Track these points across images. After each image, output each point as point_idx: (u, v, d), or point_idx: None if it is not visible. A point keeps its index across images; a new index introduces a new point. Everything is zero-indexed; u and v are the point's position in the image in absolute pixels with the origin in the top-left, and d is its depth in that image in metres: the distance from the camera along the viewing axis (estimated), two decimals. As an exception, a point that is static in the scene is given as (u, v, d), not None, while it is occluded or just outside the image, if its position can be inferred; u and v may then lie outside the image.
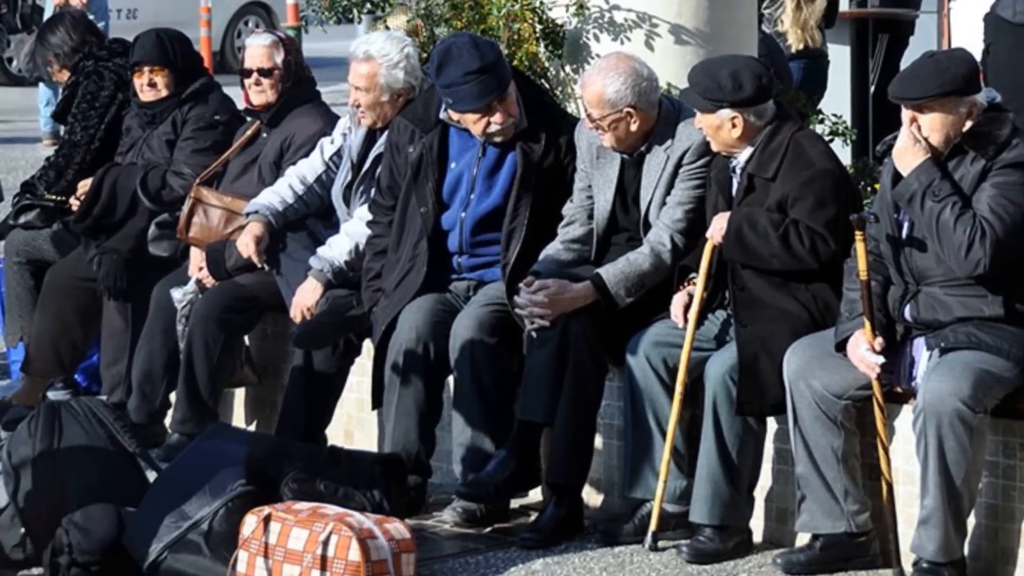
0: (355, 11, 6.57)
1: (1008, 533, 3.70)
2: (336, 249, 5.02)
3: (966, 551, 3.66)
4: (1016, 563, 3.67)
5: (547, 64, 5.40)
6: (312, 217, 5.35)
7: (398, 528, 3.79)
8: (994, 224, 3.53)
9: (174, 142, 5.85)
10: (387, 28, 6.05)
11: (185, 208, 5.52)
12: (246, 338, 5.48)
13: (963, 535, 3.64)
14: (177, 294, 5.46)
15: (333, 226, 5.25)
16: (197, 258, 5.52)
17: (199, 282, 5.43)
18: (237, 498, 3.99)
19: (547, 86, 5.34)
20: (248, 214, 5.24)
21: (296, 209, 5.25)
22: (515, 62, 5.10)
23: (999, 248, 3.52)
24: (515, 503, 4.60)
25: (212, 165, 5.69)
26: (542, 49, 5.36)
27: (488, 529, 4.46)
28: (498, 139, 4.54)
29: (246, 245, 5.13)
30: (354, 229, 5.02)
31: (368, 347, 4.90)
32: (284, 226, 5.26)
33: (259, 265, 5.24)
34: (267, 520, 3.76)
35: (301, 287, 4.99)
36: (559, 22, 5.32)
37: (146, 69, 5.81)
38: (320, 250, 5.06)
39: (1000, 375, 3.57)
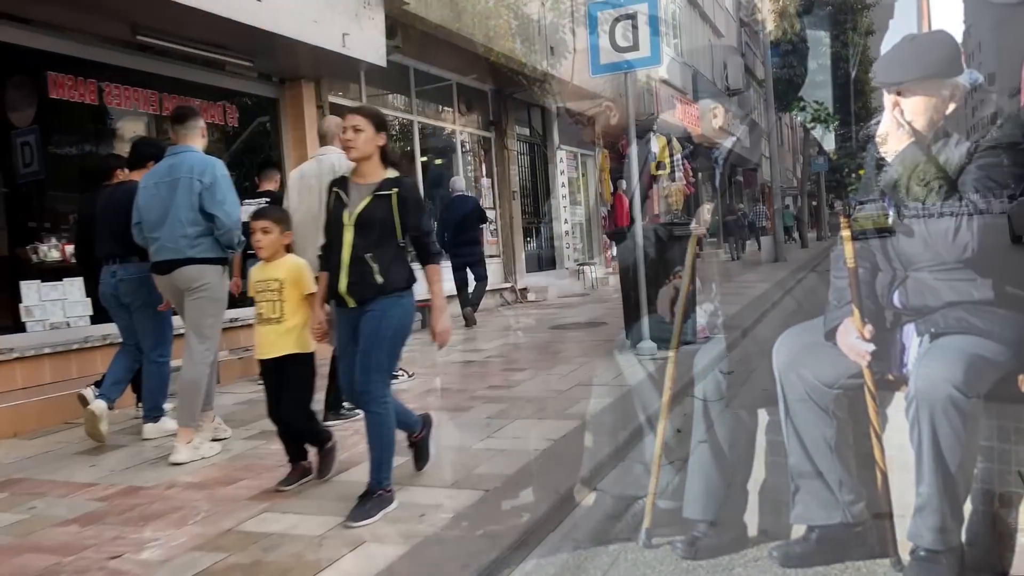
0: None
1: (1005, 518, 3.65)
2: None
3: (963, 537, 3.61)
4: (1014, 548, 3.62)
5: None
6: None
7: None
8: (981, 206, 3.47)
9: None
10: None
11: None
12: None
13: (960, 521, 3.58)
14: None
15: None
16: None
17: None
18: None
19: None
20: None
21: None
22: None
23: (987, 230, 3.46)
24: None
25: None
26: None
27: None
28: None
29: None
30: None
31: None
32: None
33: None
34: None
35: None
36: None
37: None
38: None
39: (992, 359, 3.50)
